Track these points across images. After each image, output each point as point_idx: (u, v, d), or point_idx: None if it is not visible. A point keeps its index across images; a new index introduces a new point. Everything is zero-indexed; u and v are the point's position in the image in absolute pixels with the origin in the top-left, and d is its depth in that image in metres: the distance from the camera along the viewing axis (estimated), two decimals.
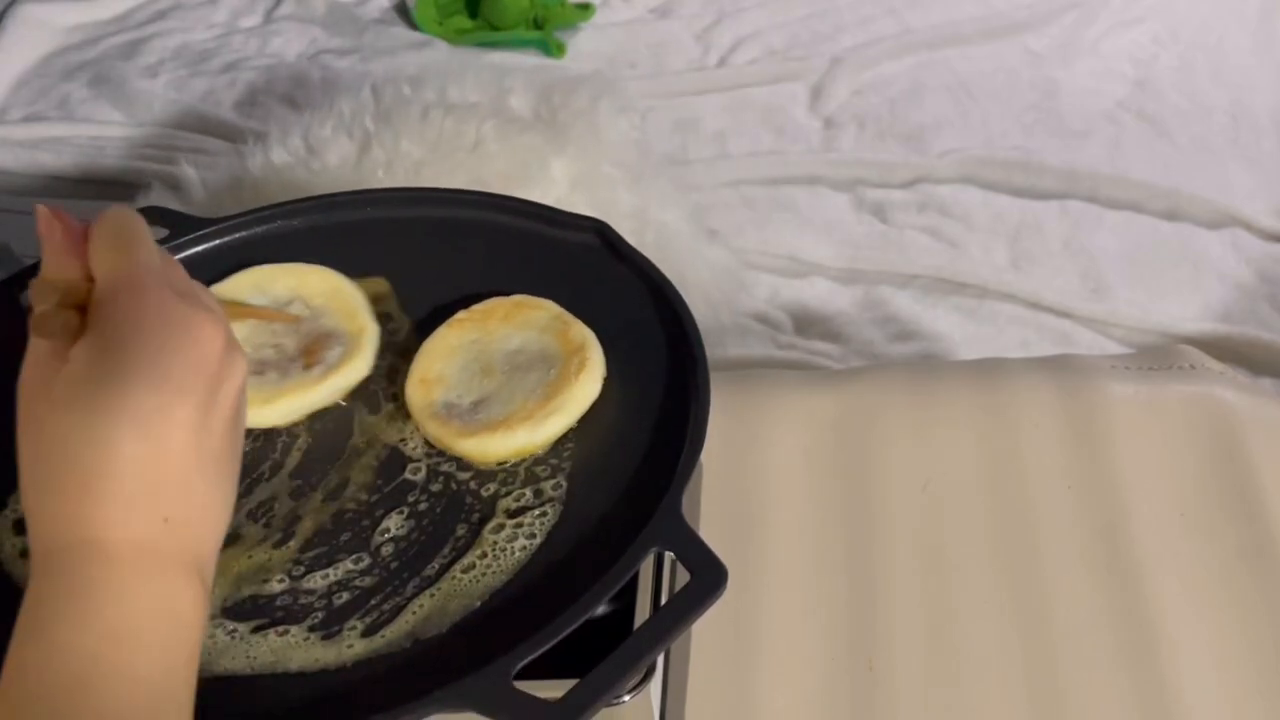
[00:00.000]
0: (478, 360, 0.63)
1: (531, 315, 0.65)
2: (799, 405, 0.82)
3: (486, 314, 0.65)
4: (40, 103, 1.52)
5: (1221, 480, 0.77)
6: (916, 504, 0.77)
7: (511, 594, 0.54)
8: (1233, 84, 1.48)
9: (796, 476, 0.79)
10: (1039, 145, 1.39)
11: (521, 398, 0.61)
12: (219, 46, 1.62)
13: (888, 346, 1.16)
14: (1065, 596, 0.71)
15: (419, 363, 0.64)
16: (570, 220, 0.69)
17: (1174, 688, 0.67)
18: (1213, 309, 1.20)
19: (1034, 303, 1.20)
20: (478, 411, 0.61)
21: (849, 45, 1.57)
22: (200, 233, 0.71)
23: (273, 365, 0.64)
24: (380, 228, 0.72)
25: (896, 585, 0.72)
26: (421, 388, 0.63)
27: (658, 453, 0.57)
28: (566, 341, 0.63)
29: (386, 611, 0.54)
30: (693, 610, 0.49)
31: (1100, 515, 0.75)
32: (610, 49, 1.60)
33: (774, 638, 0.70)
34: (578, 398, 0.61)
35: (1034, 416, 0.81)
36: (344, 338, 0.65)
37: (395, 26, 1.66)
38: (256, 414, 0.62)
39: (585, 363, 0.61)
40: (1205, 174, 1.34)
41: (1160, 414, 0.81)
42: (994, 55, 1.54)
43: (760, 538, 0.75)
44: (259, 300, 0.67)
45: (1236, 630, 0.69)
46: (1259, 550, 0.73)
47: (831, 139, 1.43)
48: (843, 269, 1.25)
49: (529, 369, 0.63)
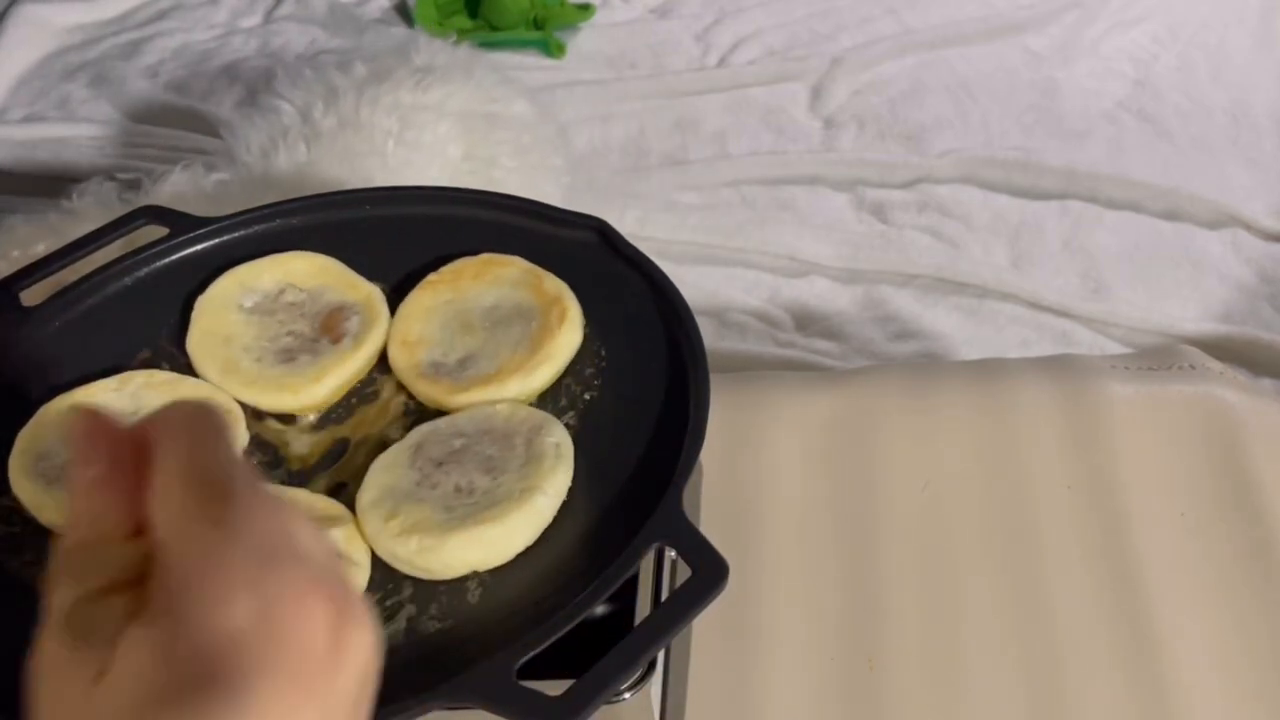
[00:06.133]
0: (456, 319, 0.65)
1: (501, 272, 0.66)
2: (799, 405, 0.82)
3: (457, 274, 0.67)
4: (40, 103, 1.52)
5: (1221, 480, 0.77)
6: (916, 504, 0.76)
7: (514, 590, 0.54)
8: (1233, 84, 1.48)
9: (796, 476, 0.79)
10: (1039, 145, 1.39)
11: (508, 351, 0.62)
12: (219, 46, 1.62)
13: (888, 346, 1.16)
14: (1065, 596, 0.71)
15: (397, 326, 0.65)
16: (570, 218, 0.69)
17: (1174, 688, 0.67)
18: (1213, 309, 1.20)
19: (1034, 303, 1.20)
20: (466, 368, 0.62)
21: (849, 45, 1.57)
22: (199, 232, 0.71)
23: (301, 350, 0.65)
24: (379, 226, 0.72)
25: (896, 585, 0.72)
26: (405, 349, 0.64)
27: (658, 450, 0.57)
28: (541, 294, 0.64)
29: (388, 608, 0.54)
30: (694, 605, 0.49)
31: (1100, 515, 0.75)
32: (610, 49, 1.60)
33: (774, 636, 0.70)
34: (563, 346, 0.62)
35: (1034, 416, 0.81)
36: (356, 306, 0.66)
37: (395, 26, 1.67)
38: (310, 393, 0.63)
39: (565, 312, 0.63)
40: (1205, 174, 1.34)
41: (1160, 414, 0.80)
42: (994, 55, 1.54)
43: (760, 537, 0.75)
44: (250, 298, 0.67)
45: (1236, 630, 0.69)
46: (1259, 550, 0.73)
47: (831, 139, 1.43)
48: (843, 269, 1.25)
49: (509, 323, 0.64)
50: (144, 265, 0.70)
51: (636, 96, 1.50)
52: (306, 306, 0.67)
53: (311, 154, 1.01)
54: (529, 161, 1.11)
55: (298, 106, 1.04)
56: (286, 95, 1.05)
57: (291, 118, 1.04)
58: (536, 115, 1.16)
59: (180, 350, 0.66)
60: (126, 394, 0.62)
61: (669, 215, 1.29)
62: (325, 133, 1.02)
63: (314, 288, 0.68)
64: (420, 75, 1.07)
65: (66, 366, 0.64)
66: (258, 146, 1.03)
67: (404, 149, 1.02)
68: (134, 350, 0.66)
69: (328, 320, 0.66)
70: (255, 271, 0.68)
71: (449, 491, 0.56)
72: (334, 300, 0.67)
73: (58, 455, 0.60)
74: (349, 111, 1.03)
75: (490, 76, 1.14)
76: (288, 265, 0.68)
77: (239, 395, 0.63)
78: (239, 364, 0.64)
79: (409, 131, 1.03)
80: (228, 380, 0.64)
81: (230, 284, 0.68)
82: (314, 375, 0.63)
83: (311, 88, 1.05)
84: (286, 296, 0.67)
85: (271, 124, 1.04)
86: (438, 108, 1.05)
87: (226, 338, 0.65)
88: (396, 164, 1.01)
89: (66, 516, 0.34)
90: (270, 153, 1.02)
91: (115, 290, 0.69)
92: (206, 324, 0.66)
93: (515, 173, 1.08)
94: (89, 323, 0.67)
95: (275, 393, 0.63)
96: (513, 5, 1.58)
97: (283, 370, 0.64)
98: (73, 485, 0.34)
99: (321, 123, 1.02)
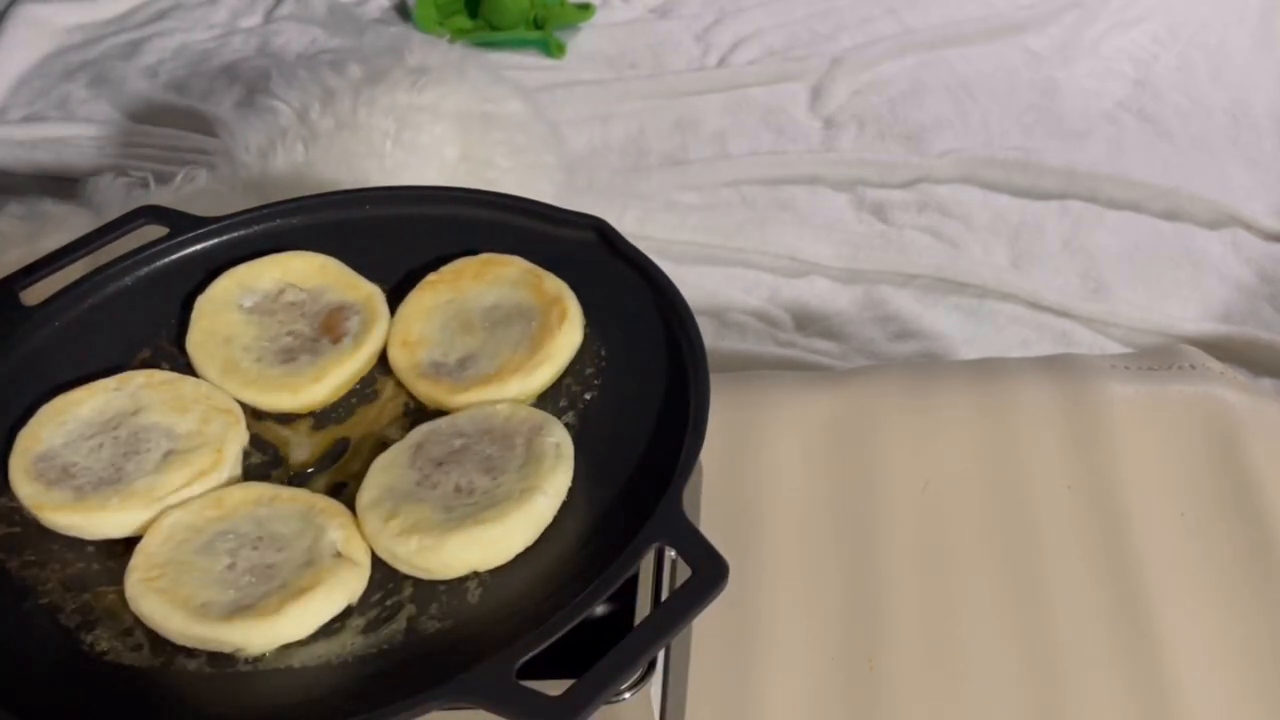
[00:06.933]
0: (456, 319, 0.65)
1: (502, 272, 0.66)
2: (799, 405, 0.82)
3: (457, 274, 0.67)
4: (40, 103, 1.52)
5: (1221, 480, 0.77)
6: (916, 504, 0.76)
7: (514, 590, 0.54)
8: (1233, 84, 1.48)
9: (796, 476, 0.79)
10: (1039, 145, 1.39)
11: (508, 351, 0.62)
12: (219, 46, 1.62)
13: (888, 345, 1.16)
14: (1065, 596, 0.71)
15: (397, 326, 0.65)
16: (570, 218, 0.69)
17: (1174, 687, 0.67)
18: (1213, 309, 1.20)
19: (1034, 303, 1.20)
20: (466, 368, 0.62)
21: (849, 45, 1.57)
22: (199, 231, 0.71)
23: (301, 349, 0.65)
24: (379, 226, 0.72)
25: (896, 585, 0.72)
26: (405, 350, 0.64)
27: (658, 450, 0.57)
28: (541, 294, 0.64)
29: (388, 607, 0.54)
30: (695, 605, 0.49)
31: (1100, 515, 0.75)
32: (610, 49, 1.60)
33: (774, 636, 0.70)
34: (563, 346, 0.62)
35: (1034, 416, 0.81)
36: (356, 306, 0.66)
37: (395, 26, 1.66)
38: (310, 393, 0.63)
39: (565, 312, 0.63)
40: (1205, 174, 1.34)
41: (1160, 414, 0.80)
42: (994, 55, 1.54)
43: (760, 537, 0.75)
44: (250, 298, 0.67)
45: (1236, 630, 0.69)
46: (1259, 550, 0.73)
47: (831, 139, 1.43)
48: (843, 269, 1.25)
49: (509, 323, 0.64)
50: (144, 265, 0.69)
51: (636, 96, 1.50)
52: (306, 306, 0.67)
53: (309, 155, 1.01)
54: (524, 161, 1.11)
55: (295, 108, 1.04)
56: (283, 96, 1.05)
57: (289, 118, 1.04)
58: (530, 114, 1.16)
59: (180, 350, 0.66)
60: (126, 394, 0.62)
61: (669, 215, 1.29)
62: (323, 134, 1.02)
63: (314, 288, 0.68)
64: (416, 76, 1.07)
65: (66, 366, 0.65)
66: (256, 147, 1.03)
67: (401, 150, 1.02)
68: (134, 350, 0.66)
69: (328, 320, 0.66)
70: (255, 271, 0.68)
71: (449, 491, 0.56)
72: (334, 300, 0.67)
73: (58, 455, 0.60)
74: (346, 113, 1.03)
75: (484, 76, 1.14)
76: (288, 265, 0.69)
77: (239, 395, 0.63)
78: (239, 364, 0.64)
79: (406, 133, 1.03)
80: (228, 380, 0.64)
81: (230, 284, 0.68)
82: (314, 375, 0.63)
83: (307, 88, 1.06)
84: (286, 296, 0.68)
85: (269, 125, 1.04)
86: (433, 109, 1.05)
87: (226, 338, 0.66)
88: (393, 166, 1.01)
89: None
90: (268, 153, 1.02)
91: (115, 290, 0.69)
92: (206, 324, 0.66)
93: (510, 172, 1.08)
94: (89, 323, 0.67)
95: (275, 393, 0.63)
96: (513, 5, 1.58)
97: (283, 370, 0.64)
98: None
99: (319, 124, 1.02)
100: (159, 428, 0.61)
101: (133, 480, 0.58)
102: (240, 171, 1.03)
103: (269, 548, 0.56)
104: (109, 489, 0.58)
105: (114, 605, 0.55)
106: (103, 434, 0.61)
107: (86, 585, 0.56)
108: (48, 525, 0.58)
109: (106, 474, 0.59)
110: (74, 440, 0.60)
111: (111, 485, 0.58)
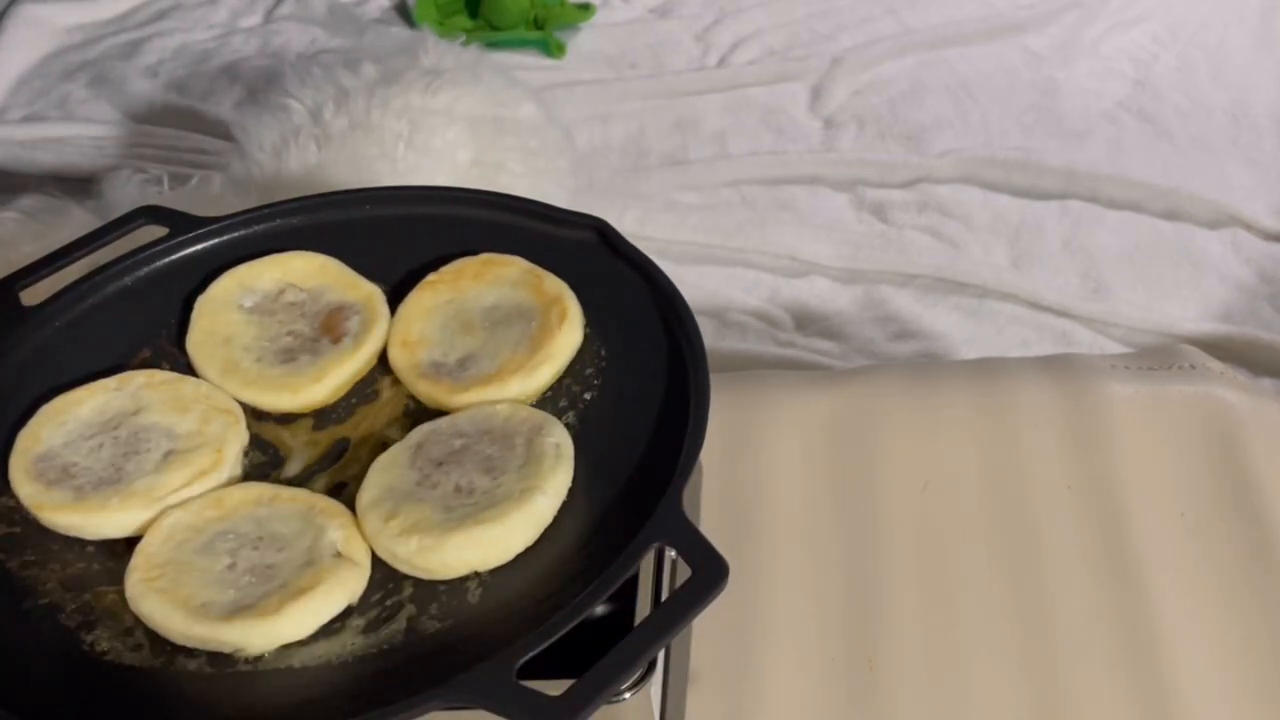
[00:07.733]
0: (456, 319, 0.65)
1: (502, 272, 0.66)
2: (799, 405, 0.82)
3: (457, 274, 0.67)
4: (40, 103, 1.52)
5: (1221, 480, 0.77)
6: (916, 504, 0.76)
7: (514, 590, 0.54)
8: (1233, 84, 1.48)
9: (796, 476, 0.78)
10: (1039, 145, 1.39)
11: (508, 351, 0.62)
12: (219, 46, 1.62)
13: (888, 345, 1.16)
14: (1065, 596, 0.71)
15: (397, 326, 0.65)
16: (569, 218, 0.69)
17: (1174, 687, 0.67)
18: (1213, 309, 1.20)
19: (1034, 303, 1.20)
20: (466, 368, 0.62)
21: (849, 45, 1.57)
22: (199, 232, 0.71)
23: (301, 349, 0.65)
24: (379, 226, 0.72)
25: (896, 585, 0.72)
26: (405, 349, 0.64)
27: (658, 450, 0.57)
28: (541, 294, 0.64)
29: (388, 607, 0.54)
30: (695, 605, 0.49)
31: (1100, 515, 0.75)
32: (610, 49, 1.60)
33: (774, 637, 0.70)
34: (563, 346, 0.62)
35: (1034, 416, 0.81)
36: (356, 306, 0.66)
37: (395, 26, 1.67)
38: (310, 393, 0.63)
39: (565, 312, 0.63)
40: (1205, 174, 1.34)
41: (1160, 414, 0.80)
42: (994, 55, 1.54)
43: (760, 537, 0.75)
44: (250, 298, 0.67)
45: (1236, 630, 0.69)
46: (1259, 550, 0.73)
47: (831, 139, 1.43)
48: (843, 269, 1.25)
49: (509, 323, 0.64)
50: (144, 265, 0.69)
51: (636, 96, 1.50)
52: (306, 306, 0.67)
53: (322, 156, 1.01)
54: (536, 166, 1.10)
55: (308, 106, 1.04)
56: (296, 94, 1.05)
57: (302, 117, 1.03)
58: (543, 118, 1.16)
59: (180, 350, 0.66)
60: (126, 394, 0.62)
61: (669, 215, 1.29)
62: (336, 134, 1.02)
63: (314, 288, 0.68)
64: (430, 78, 1.06)
65: (66, 366, 0.64)
66: (270, 145, 1.03)
67: (414, 153, 1.02)
68: (134, 350, 0.66)
69: (328, 320, 0.66)
70: (255, 271, 0.68)
71: (449, 491, 0.56)
72: (334, 300, 0.67)
73: (58, 455, 0.60)
74: (360, 113, 1.02)
75: (498, 79, 1.14)
76: (288, 265, 0.69)
77: (239, 395, 0.63)
78: (239, 364, 0.64)
79: (419, 135, 1.03)
80: (228, 380, 0.64)
81: (230, 284, 0.68)
82: (314, 375, 0.63)
83: (321, 87, 1.05)
84: (286, 296, 0.68)
85: (282, 123, 1.04)
86: (447, 111, 1.05)
87: (226, 338, 0.66)
88: (405, 169, 1.01)
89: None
90: (282, 151, 1.02)
91: (115, 290, 0.69)
92: (206, 324, 0.66)
93: (523, 177, 1.07)
94: (89, 323, 0.67)
95: (275, 393, 0.63)
96: (513, 5, 1.58)
97: (283, 370, 0.64)
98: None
99: (332, 124, 1.02)
100: (159, 428, 0.61)
101: (133, 480, 0.58)
102: (253, 170, 1.02)
103: (269, 548, 0.56)
104: (109, 489, 0.58)
105: (114, 605, 0.55)
106: (103, 434, 0.61)
107: (86, 585, 0.56)
108: (48, 525, 0.58)
109: (106, 474, 0.59)
110: (74, 440, 0.60)
111: (111, 485, 0.58)
